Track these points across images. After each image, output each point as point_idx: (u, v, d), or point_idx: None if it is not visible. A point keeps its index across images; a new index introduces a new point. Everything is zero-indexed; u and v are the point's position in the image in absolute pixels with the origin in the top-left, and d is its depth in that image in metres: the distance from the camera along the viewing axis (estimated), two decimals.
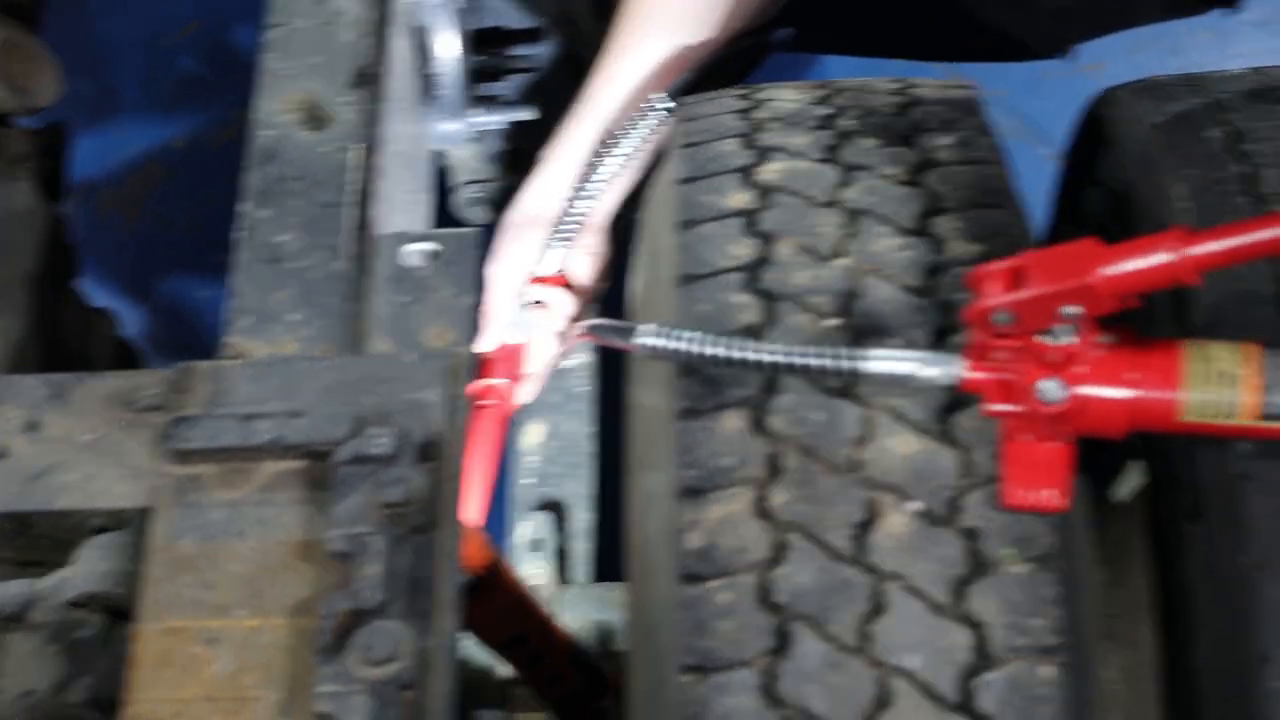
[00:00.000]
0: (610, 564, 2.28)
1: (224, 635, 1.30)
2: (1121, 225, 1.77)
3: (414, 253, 1.63)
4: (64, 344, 2.10)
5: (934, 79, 1.83)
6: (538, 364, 2.02)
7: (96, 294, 2.30)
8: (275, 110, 1.72)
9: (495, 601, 1.69)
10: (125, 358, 2.30)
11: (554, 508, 2.36)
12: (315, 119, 1.71)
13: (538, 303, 1.99)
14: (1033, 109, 3.37)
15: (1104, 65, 3.11)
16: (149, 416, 1.42)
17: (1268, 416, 1.37)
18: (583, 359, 2.43)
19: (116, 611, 1.38)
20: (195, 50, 3.41)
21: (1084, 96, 1.91)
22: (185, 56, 3.41)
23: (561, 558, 2.32)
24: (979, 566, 1.38)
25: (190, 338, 3.02)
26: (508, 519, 2.36)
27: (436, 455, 1.36)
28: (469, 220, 2.45)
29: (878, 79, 1.83)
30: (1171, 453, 1.61)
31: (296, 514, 1.35)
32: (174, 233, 3.16)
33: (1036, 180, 2.07)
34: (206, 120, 3.32)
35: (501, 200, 2.37)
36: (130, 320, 2.56)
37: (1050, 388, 1.37)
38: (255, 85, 1.74)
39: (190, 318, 3.06)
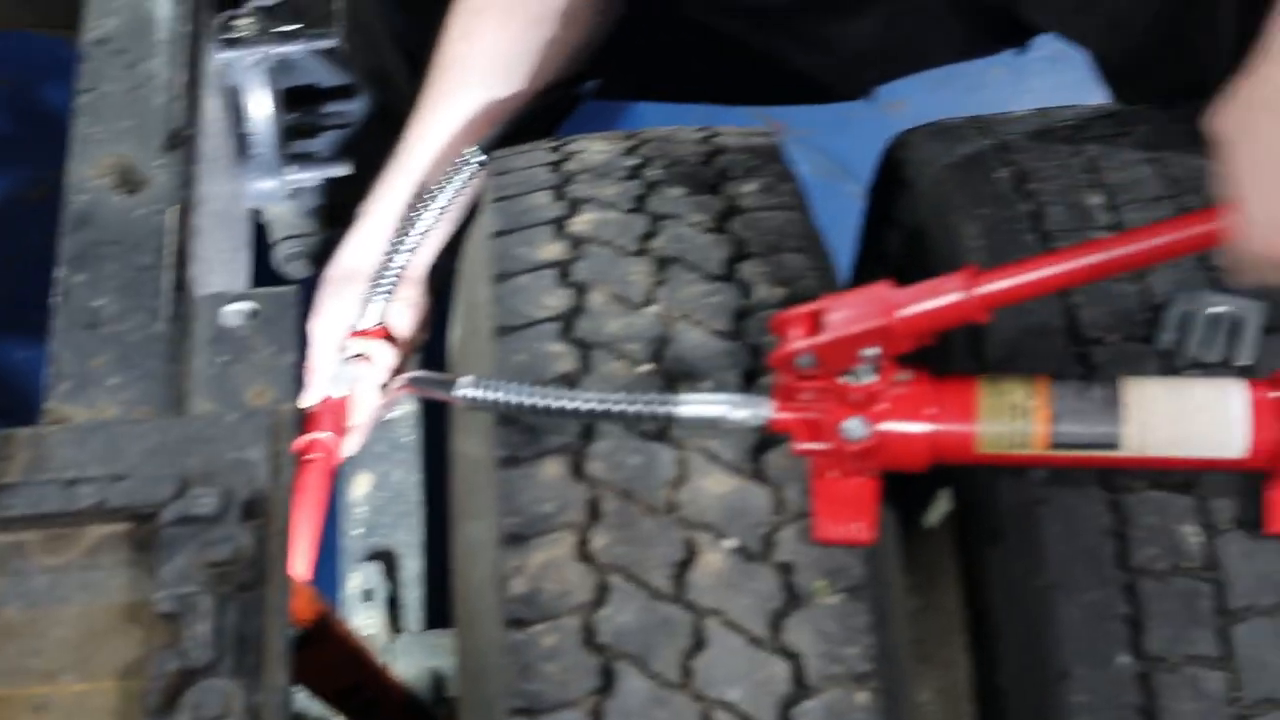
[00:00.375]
0: (442, 611, 2.26)
1: (52, 701, 1.28)
2: (919, 264, 1.80)
3: (233, 313, 1.62)
4: None
5: (737, 127, 1.85)
6: (362, 416, 2.01)
7: None
8: (88, 174, 1.71)
9: (327, 653, 1.68)
10: None
11: (384, 557, 2.35)
12: (129, 182, 1.70)
13: (359, 356, 1.99)
14: (839, 147, 3.42)
15: (905, 103, 3.18)
16: None
17: (1057, 445, 1.42)
18: (408, 409, 2.42)
19: None
20: (5, 108, 3.37)
21: (887, 134, 1.95)
22: None
23: (393, 607, 2.31)
24: (794, 599, 1.40)
25: (8, 401, 2.97)
26: (339, 570, 2.35)
27: (262, 512, 1.35)
28: (289, 276, 2.44)
29: (683, 128, 1.85)
30: (973, 480, 1.64)
31: (123, 577, 1.34)
32: None
33: (847, 217, 2.13)
34: (17, 179, 3.26)
35: (321, 255, 2.35)
36: None
37: (854, 426, 1.41)
38: (68, 149, 1.73)
39: (7, 380, 3.00)
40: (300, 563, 1.78)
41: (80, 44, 1.80)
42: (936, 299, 1.39)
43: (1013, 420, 1.42)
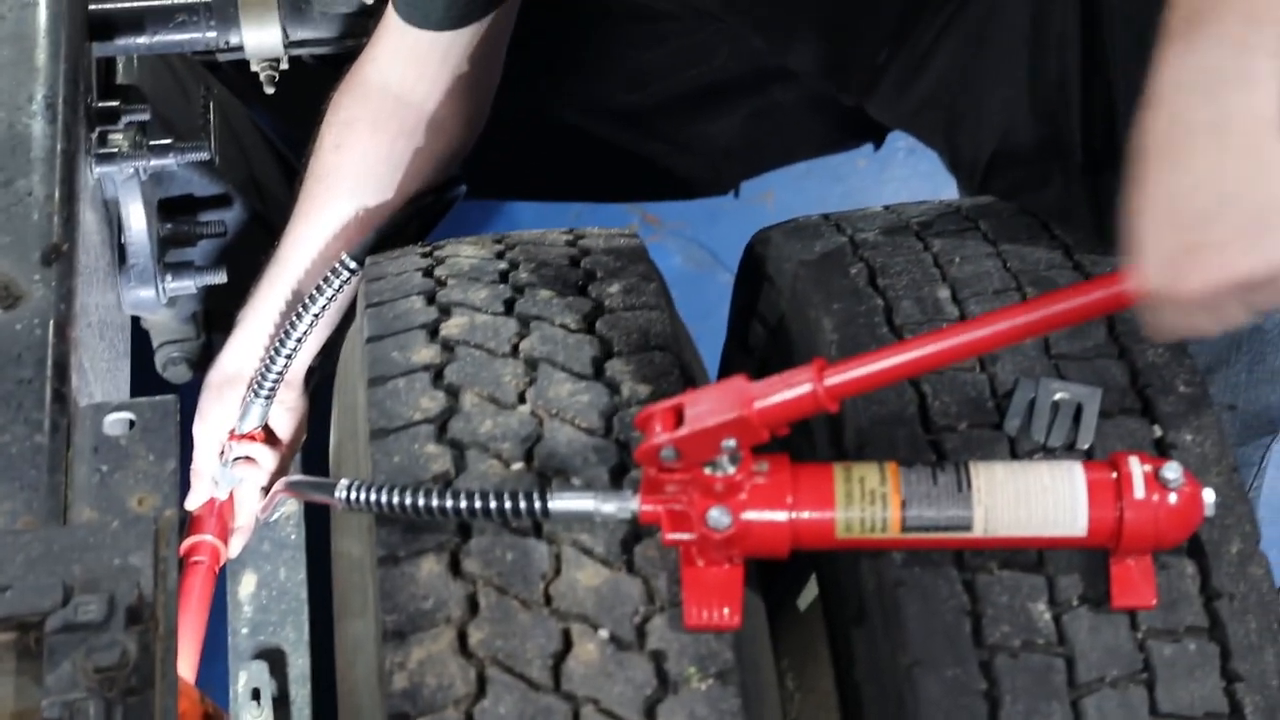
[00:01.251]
0: (330, 708, 2.15)
1: None
2: (782, 355, 1.83)
3: (114, 422, 1.60)
4: None
5: (602, 229, 1.88)
6: (245, 518, 2.02)
7: None
8: None
9: None
10: None
11: (272, 655, 2.32)
12: (8, 297, 1.67)
13: (242, 459, 1.99)
14: (712, 239, 3.42)
15: (772, 195, 3.22)
16: None
17: (910, 529, 1.45)
18: (291, 508, 2.40)
19: None
20: None
21: (756, 225, 1.97)
22: None
23: (282, 705, 2.28)
24: (666, 685, 1.42)
25: None
26: (228, 669, 2.32)
27: (147, 617, 1.34)
28: (170, 380, 2.42)
29: (550, 232, 1.87)
30: (837, 564, 1.66)
31: (9, 685, 1.33)
32: None
33: (721, 306, 2.15)
34: None
35: (201, 361, 2.36)
36: None
37: (717, 516, 1.43)
38: None
39: None
40: (186, 664, 1.78)
41: None
42: (788, 391, 1.42)
43: (867, 505, 1.45)
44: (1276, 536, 1.93)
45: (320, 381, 2.08)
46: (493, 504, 1.47)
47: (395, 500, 1.49)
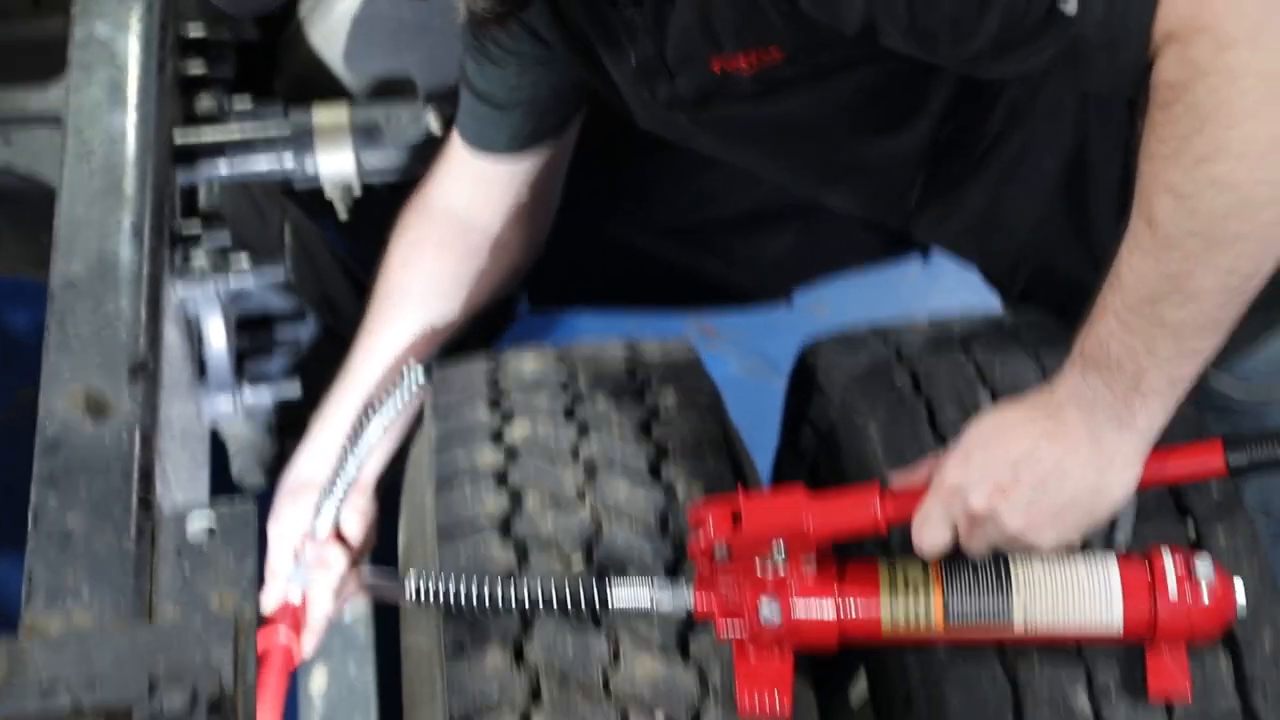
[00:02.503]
0: None
1: None
2: (831, 458, 1.86)
3: (197, 526, 1.60)
4: None
5: (658, 341, 1.91)
6: (317, 616, 2.01)
7: None
8: (59, 405, 1.69)
9: None
10: None
11: None
12: (97, 410, 1.69)
13: (315, 560, 1.98)
14: (767, 347, 3.40)
15: (825, 306, 3.21)
16: None
17: (951, 619, 1.48)
18: (360, 608, 2.40)
19: None
20: None
21: (810, 334, 1.99)
22: None
23: None
24: None
25: None
26: None
27: (228, 709, 1.35)
28: (247, 486, 2.43)
29: (609, 343, 1.90)
30: (885, 657, 1.68)
31: None
32: None
33: (775, 410, 2.15)
34: None
35: (275, 467, 2.37)
36: None
37: (768, 609, 1.47)
38: (41, 382, 1.71)
39: None
40: None
41: (50, 285, 1.80)
42: (847, 516, 1.48)
43: (912, 597, 1.49)
44: None
45: (389, 487, 2.08)
46: (555, 595, 1.52)
47: (462, 594, 1.54)
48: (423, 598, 1.57)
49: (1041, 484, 1.41)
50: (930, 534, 1.46)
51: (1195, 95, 1.29)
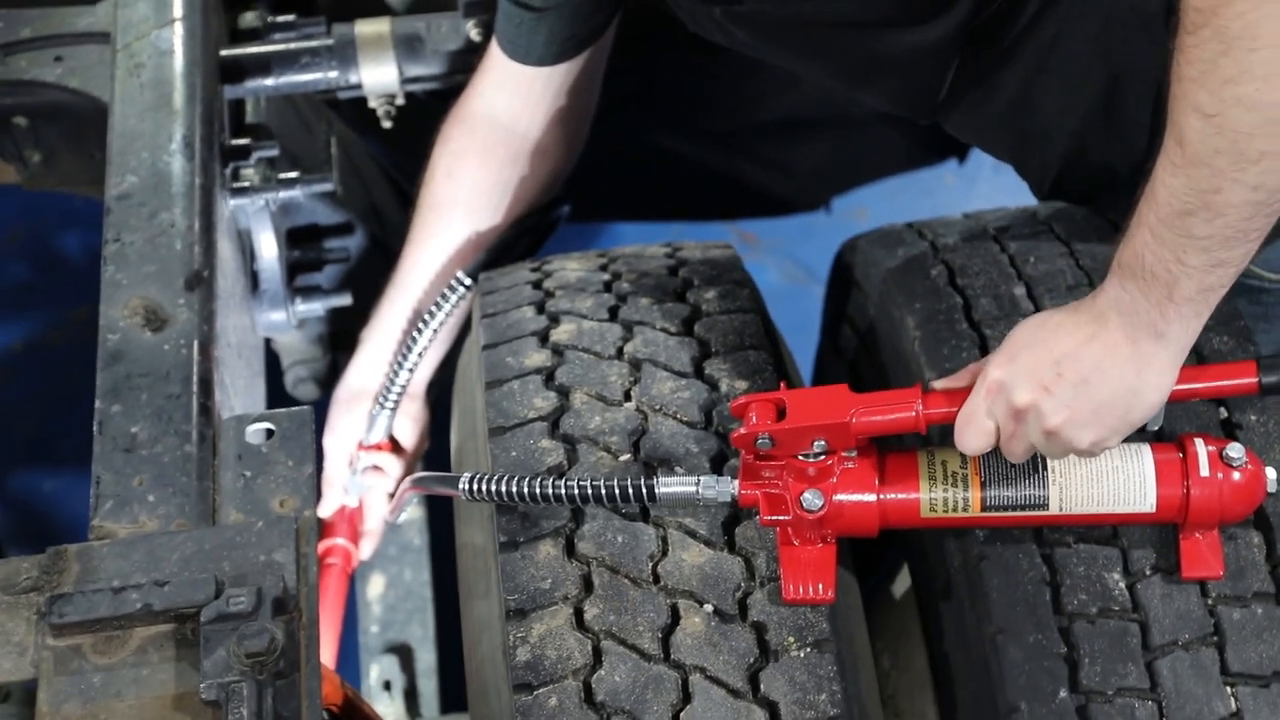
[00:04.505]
0: (455, 698, 2.25)
1: None
2: (870, 354, 1.88)
3: (255, 432, 1.64)
4: None
5: (698, 242, 1.92)
6: (374, 522, 2.07)
7: None
8: (118, 316, 1.72)
9: None
10: None
11: (400, 650, 2.36)
12: (155, 321, 1.72)
13: (370, 468, 2.04)
14: (806, 254, 3.42)
15: (867, 211, 3.21)
16: (28, 598, 1.42)
17: (989, 508, 1.51)
18: (415, 514, 2.45)
19: None
20: (22, 256, 3.37)
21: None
22: (14, 263, 3.36)
23: (411, 695, 2.33)
24: (767, 654, 1.49)
25: (42, 526, 2.95)
26: (360, 663, 2.36)
27: (291, 608, 1.39)
28: (299, 398, 2.47)
29: (650, 246, 1.92)
30: (925, 544, 1.71)
31: (169, 671, 1.38)
32: (16, 430, 3.09)
33: (815, 317, 2.19)
34: (40, 323, 3.25)
35: (328, 378, 2.43)
36: None
37: (811, 498, 1.50)
38: (100, 294, 1.74)
39: (41, 508, 2.98)
40: (327, 654, 1.83)
41: (105, 199, 1.83)
42: (889, 414, 1.49)
43: (951, 487, 1.51)
44: None
45: (439, 393, 2.13)
46: (604, 489, 1.54)
47: (514, 489, 1.56)
48: (476, 495, 1.59)
49: (1083, 381, 1.43)
50: (973, 431, 1.48)
51: (1222, 20, 1.29)
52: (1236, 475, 1.49)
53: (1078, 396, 1.43)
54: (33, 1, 2.08)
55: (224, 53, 2.12)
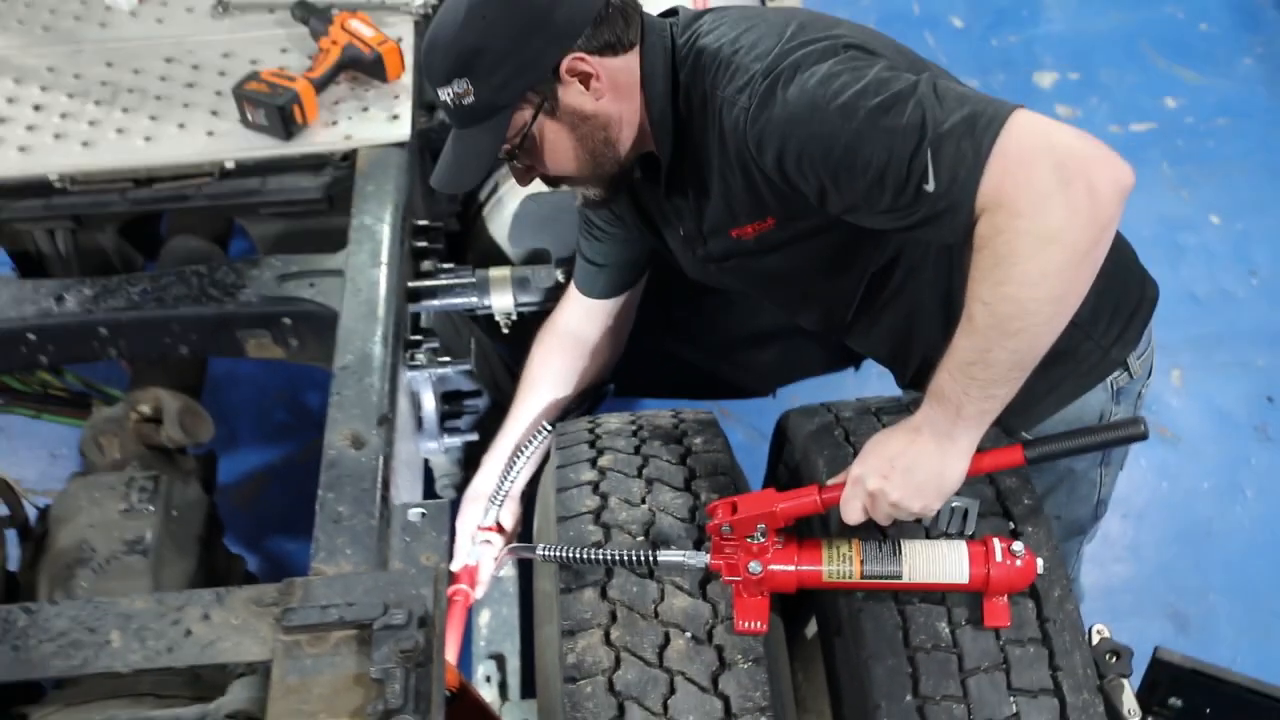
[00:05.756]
0: (529, 688, 2.23)
1: None
2: (795, 484, 1.82)
3: (413, 514, 1.64)
4: (215, 573, 2.07)
5: (692, 409, 1.90)
6: (485, 575, 2.00)
7: (233, 545, 2.26)
8: (336, 439, 1.72)
9: (465, 707, 1.64)
10: (250, 579, 2.23)
11: (498, 658, 2.32)
12: (358, 443, 1.72)
13: (484, 541, 1.99)
14: (761, 422, 3.28)
15: (797, 396, 3.17)
16: (270, 609, 1.43)
17: (865, 577, 1.50)
18: (509, 572, 2.40)
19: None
20: (284, 407, 3.34)
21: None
22: (278, 411, 3.35)
23: (503, 685, 2.28)
24: (724, 665, 1.47)
25: (283, 571, 2.89)
26: (473, 663, 2.31)
27: (430, 624, 1.38)
28: (443, 496, 2.42)
29: (662, 410, 1.90)
30: (825, 600, 1.67)
31: (352, 660, 1.37)
32: (273, 514, 3.06)
33: (763, 462, 2.12)
34: (293, 446, 3.24)
35: (461, 485, 2.34)
36: (251, 561, 2.49)
37: (754, 566, 1.49)
38: (325, 426, 1.74)
39: (283, 559, 2.97)
40: (451, 655, 1.80)
41: (333, 369, 1.83)
42: (799, 500, 1.50)
43: (841, 562, 1.50)
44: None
45: (529, 496, 2.07)
46: (626, 558, 1.53)
47: (571, 555, 1.55)
48: (548, 558, 1.58)
49: (907, 470, 1.43)
50: (849, 510, 1.47)
51: (995, 245, 1.31)
52: (1019, 561, 1.48)
53: (906, 479, 1.43)
54: (299, 250, 2.10)
55: (410, 284, 2.13)
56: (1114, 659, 1.53)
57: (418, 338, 2.08)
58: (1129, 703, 1.52)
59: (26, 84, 2.36)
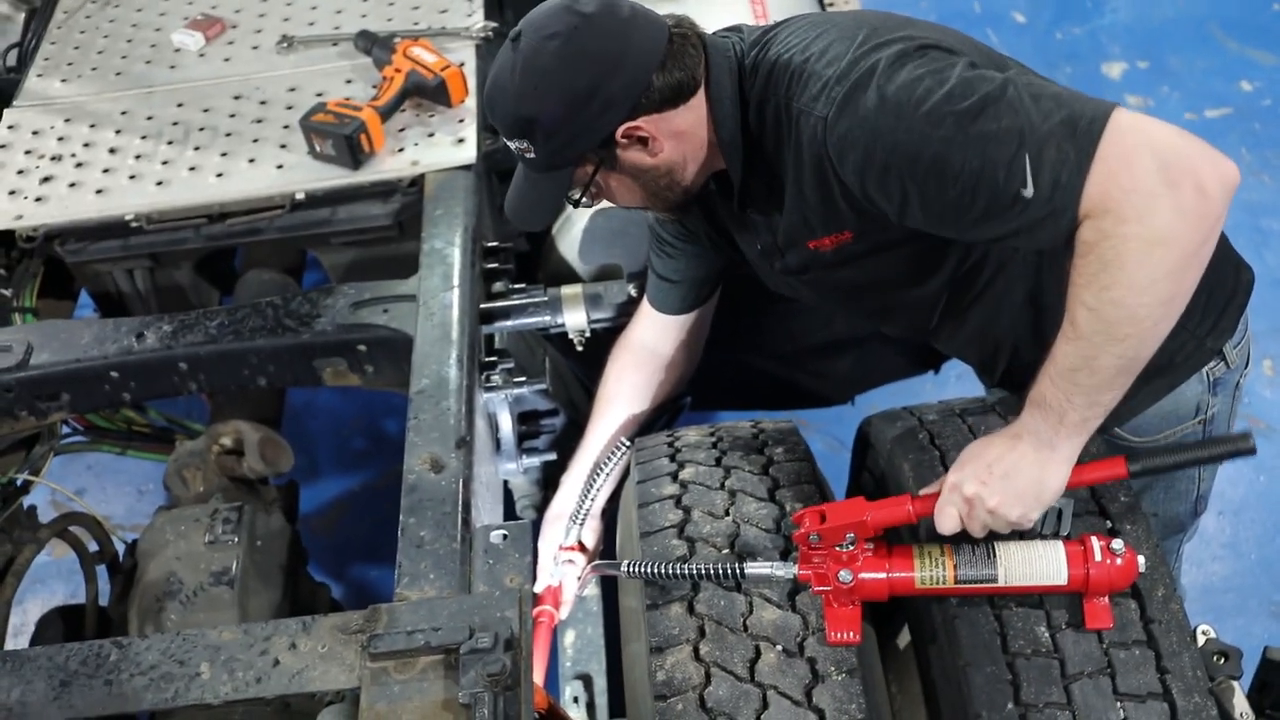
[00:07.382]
0: (618, 707, 2.22)
1: None
2: (880, 493, 1.82)
3: (495, 536, 1.62)
4: (301, 602, 2.08)
5: (772, 419, 1.89)
6: (568, 595, 1.98)
7: (316, 573, 2.27)
8: (415, 463, 1.71)
9: None
10: (335, 607, 2.24)
11: (584, 678, 2.31)
12: (437, 467, 1.71)
13: (567, 561, 1.98)
14: (840, 431, 3.28)
15: (875, 405, 3.15)
16: (356, 636, 1.42)
17: (959, 582, 1.47)
18: (593, 591, 2.40)
19: None
20: (362, 434, 3.36)
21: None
22: (357, 438, 3.37)
23: (590, 706, 2.28)
24: (817, 678, 1.45)
25: (368, 599, 2.87)
26: (559, 685, 2.31)
27: (516, 647, 1.37)
28: (524, 517, 2.42)
29: (741, 422, 1.90)
30: (918, 607, 1.65)
31: (440, 683, 1.36)
32: (356, 541, 3.08)
33: (844, 473, 2.09)
34: (373, 473, 3.26)
35: (541, 505, 2.35)
36: (335, 588, 2.50)
37: (844, 574, 1.47)
38: (404, 451, 1.73)
39: (367, 585, 2.99)
40: (538, 677, 1.75)
41: (410, 394, 1.82)
42: (890, 510, 1.47)
43: (934, 569, 1.48)
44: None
45: (610, 514, 2.07)
46: (712, 571, 1.52)
47: (656, 571, 1.54)
48: (632, 575, 1.57)
49: (1006, 476, 1.41)
50: (943, 518, 1.45)
51: (1101, 250, 1.29)
52: (1119, 560, 1.44)
53: (1004, 486, 1.40)
54: (372, 277, 2.12)
55: (482, 306, 2.13)
56: (1222, 660, 1.48)
57: (492, 359, 2.08)
58: (1241, 705, 1.48)
59: (102, 128, 2.42)
